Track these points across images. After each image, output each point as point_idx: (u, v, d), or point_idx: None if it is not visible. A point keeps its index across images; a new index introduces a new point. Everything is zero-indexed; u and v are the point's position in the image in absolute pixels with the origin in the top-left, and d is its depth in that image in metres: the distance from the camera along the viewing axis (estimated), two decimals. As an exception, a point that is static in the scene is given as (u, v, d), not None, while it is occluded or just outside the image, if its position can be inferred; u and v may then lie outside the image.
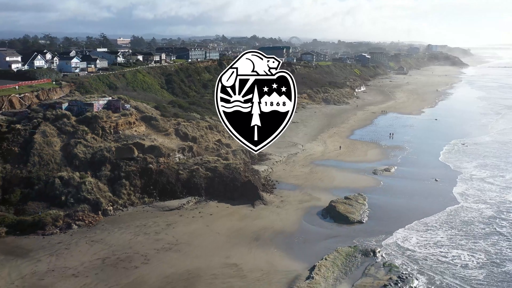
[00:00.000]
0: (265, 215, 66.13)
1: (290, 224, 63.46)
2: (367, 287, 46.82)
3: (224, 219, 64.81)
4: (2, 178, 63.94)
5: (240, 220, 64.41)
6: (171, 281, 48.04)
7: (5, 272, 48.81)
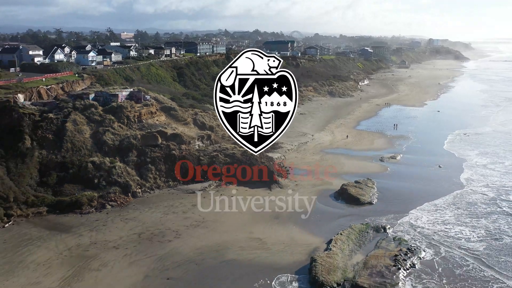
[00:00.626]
0: (283, 196, 71.26)
1: (305, 204, 68.65)
2: (380, 257, 51.97)
3: (245, 200, 69.91)
4: (39, 162, 69.08)
5: (259, 201, 69.51)
6: (203, 252, 53.28)
7: (52, 245, 54.06)
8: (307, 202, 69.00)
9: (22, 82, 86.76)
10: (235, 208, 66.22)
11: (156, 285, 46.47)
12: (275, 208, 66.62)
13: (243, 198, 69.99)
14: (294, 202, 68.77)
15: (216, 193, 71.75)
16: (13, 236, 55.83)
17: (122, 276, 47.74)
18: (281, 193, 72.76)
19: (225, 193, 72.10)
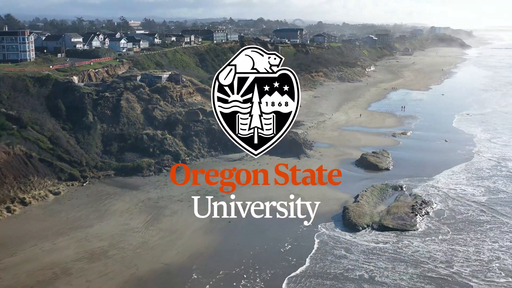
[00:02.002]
0: (310, 164, 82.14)
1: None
2: (400, 207, 63.10)
3: (278, 167, 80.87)
4: (102, 134, 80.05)
5: (291, 167, 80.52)
6: (257, 200, 64.29)
7: (127, 198, 65.24)
8: (332, 168, 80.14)
9: (74, 66, 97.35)
10: (268, 170, 77.13)
11: (220, 227, 57.54)
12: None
13: (278, 162, 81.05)
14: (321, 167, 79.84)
15: (253, 161, 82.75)
16: (93, 192, 67.03)
17: (192, 220, 58.77)
18: (309, 161, 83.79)
19: (261, 161, 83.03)
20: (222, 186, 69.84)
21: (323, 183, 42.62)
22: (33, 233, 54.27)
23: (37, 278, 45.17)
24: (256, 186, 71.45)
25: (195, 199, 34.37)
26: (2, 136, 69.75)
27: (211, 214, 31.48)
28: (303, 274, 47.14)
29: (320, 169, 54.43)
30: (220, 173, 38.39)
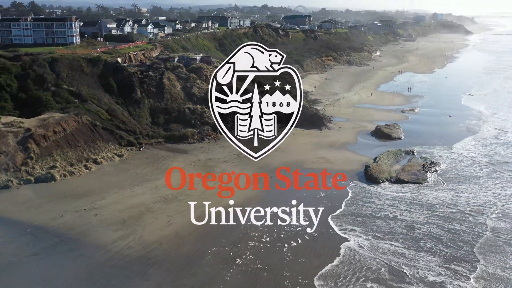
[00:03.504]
0: (331, 135, 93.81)
1: (350, 139, 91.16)
2: (412, 166, 74.64)
3: (304, 137, 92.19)
4: (149, 108, 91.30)
5: (315, 137, 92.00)
6: (288, 163, 75.44)
7: (180, 160, 76.72)
8: (351, 138, 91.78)
9: (116, 49, 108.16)
10: (299, 141, 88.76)
11: (261, 181, 68.86)
12: (328, 141, 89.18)
13: (302, 136, 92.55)
14: (342, 138, 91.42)
15: (279, 133, 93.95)
16: (150, 155, 78.54)
17: (240, 176, 70.37)
18: (330, 132, 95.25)
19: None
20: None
21: (327, 187, 51.33)
22: (112, 184, 65.87)
23: (128, 214, 56.81)
24: (287, 151, 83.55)
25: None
26: (70, 108, 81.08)
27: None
28: (342, 213, 58.44)
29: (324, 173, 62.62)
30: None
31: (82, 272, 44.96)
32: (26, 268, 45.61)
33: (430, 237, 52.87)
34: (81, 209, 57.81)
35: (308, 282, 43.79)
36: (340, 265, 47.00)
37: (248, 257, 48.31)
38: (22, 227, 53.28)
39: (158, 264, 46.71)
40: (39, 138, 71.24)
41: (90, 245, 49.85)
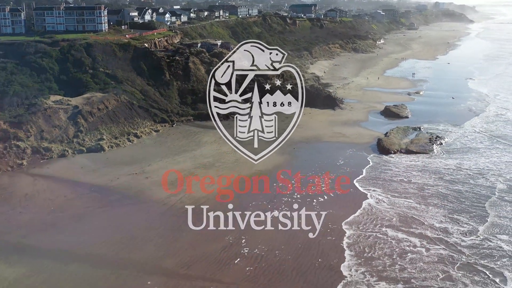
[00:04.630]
0: (345, 114, 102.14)
1: (362, 118, 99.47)
2: (420, 139, 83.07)
3: (319, 116, 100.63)
4: (178, 89, 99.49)
5: (329, 116, 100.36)
6: (307, 138, 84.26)
7: (210, 135, 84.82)
8: (362, 116, 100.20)
9: (142, 36, 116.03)
10: (315, 119, 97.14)
11: (289, 150, 77.25)
12: (342, 119, 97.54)
13: (317, 115, 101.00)
14: (354, 116, 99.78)
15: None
16: (182, 131, 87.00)
17: (266, 147, 78.71)
18: (343, 112, 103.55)
19: (304, 112, 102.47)
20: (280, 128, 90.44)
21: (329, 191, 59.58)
22: (154, 154, 74.40)
23: (171, 178, 65.28)
24: (304, 127, 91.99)
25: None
26: (108, 88, 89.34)
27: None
28: (364, 178, 66.70)
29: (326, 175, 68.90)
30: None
31: (145, 221, 53.60)
32: (98, 216, 54.32)
33: (437, 196, 61.43)
34: (132, 173, 66.41)
35: (337, 227, 52.41)
36: (361, 215, 55.59)
37: (283, 208, 56.79)
38: (86, 186, 61.92)
39: (209, 214, 55.27)
40: (86, 114, 79.67)
41: (148, 200, 58.51)
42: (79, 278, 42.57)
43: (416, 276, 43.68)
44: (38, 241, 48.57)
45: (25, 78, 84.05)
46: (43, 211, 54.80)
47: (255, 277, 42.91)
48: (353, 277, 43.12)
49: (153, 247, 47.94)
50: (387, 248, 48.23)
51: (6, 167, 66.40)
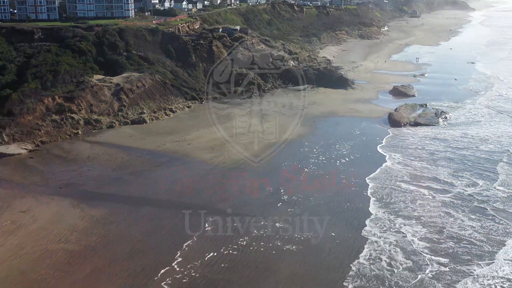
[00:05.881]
0: (356, 93, 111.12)
1: (373, 96, 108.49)
2: (426, 114, 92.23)
3: (333, 94, 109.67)
4: (203, 70, 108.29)
5: (342, 95, 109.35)
6: (324, 113, 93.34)
7: (236, 110, 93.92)
8: (373, 95, 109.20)
9: (166, 21, 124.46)
10: (329, 97, 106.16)
11: (309, 123, 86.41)
12: (354, 97, 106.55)
13: (331, 93, 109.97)
14: (365, 95, 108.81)
15: (313, 91, 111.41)
16: (212, 106, 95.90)
17: (288, 120, 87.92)
18: (355, 91, 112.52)
19: (319, 91, 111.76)
20: (297, 105, 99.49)
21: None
22: (191, 126, 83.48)
23: (213, 144, 74.46)
24: (320, 104, 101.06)
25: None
26: (143, 69, 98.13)
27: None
28: (384, 145, 75.69)
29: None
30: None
31: (195, 176, 62.77)
32: (155, 173, 63.62)
33: (445, 159, 70.55)
34: (176, 140, 75.58)
35: (360, 181, 61.69)
36: (380, 173, 64.72)
37: (312, 168, 66.04)
38: (138, 151, 71.14)
39: (249, 171, 64.61)
40: (128, 91, 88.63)
41: (194, 161, 67.76)
42: (151, 216, 51.91)
43: (424, 215, 53.09)
44: (110, 190, 57.93)
45: (70, 59, 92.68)
46: (107, 169, 64.08)
47: (297, 216, 52.19)
48: (377, 215, 52.52)
49: (207, 195, 57.24)
50: (402, 196, 57.56)
51: (64, 135, 75.57)
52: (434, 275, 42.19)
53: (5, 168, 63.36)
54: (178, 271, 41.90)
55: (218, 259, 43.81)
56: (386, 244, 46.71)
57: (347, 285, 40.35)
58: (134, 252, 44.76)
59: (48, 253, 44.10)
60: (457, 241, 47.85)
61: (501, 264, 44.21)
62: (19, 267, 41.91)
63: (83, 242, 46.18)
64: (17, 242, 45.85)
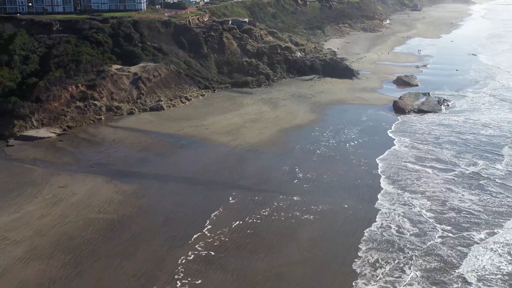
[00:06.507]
0: (361, 83, 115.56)
1: (377, 86, 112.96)
2: (430, 102, 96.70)
3: (339, 84, 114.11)
4: (215, 61, 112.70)
5: (348, 84, 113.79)
6: (331, 101, 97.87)
7: (248, 98, 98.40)
8: (377, 84, 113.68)
9: (177, 14, 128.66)
10: (336, 86, 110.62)
11: (318, 110, 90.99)
12: (360, 86, 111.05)
13: (337, 83, 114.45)
14: (370, 84, 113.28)
15: (320, 81, 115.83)
16: (224, 95, 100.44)
17: (298, 108, 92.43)
18: (360, 81, 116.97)
19: (325, 81, 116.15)
20: (306, 94, 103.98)
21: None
22: (206, 112, 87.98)
23: (229, 128, 79.03)
24: (327, 92, 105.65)
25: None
26: (158, 59, 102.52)
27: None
28: (395, 130, 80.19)
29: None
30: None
31: (216, 157, 67.36)
32: (177, 154, 68.26)
33: (449, 142, 75.03)
34: (193, 125, 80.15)
35: (369, 161, 66.31)
36: (388, 155, 69.27)
37: (324, 150, 70.65)
38: (159, 135, 75.75)
39: (265, 153, 69.22)
40: (145, 80, 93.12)
41: (213, 144, 72.33)
42: (179, 191, 56.56)
43: (428, 190, 57.83)
44: (138, 169, 62.55)
45: (89, 50, 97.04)
46: (133, 150, 68.73)
47: (312, 191, 56.85)
48: (387, 190, 57.26)
49: (228, 173, 61.87)
50: (408, 174, 62.21)
51: (89, 120, 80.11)
52: (440, 240, 46.90)
53: (38, 150, 68.00)
54: (209, 236, 46.60)
55: (244, 227, 48.52)
56: (395, 215, 51.42)
57: (361, 247, 45.05)
58: (167, 221, 49.47)
59: (90, 222, 48.80)
60: (458, 212, 52.60)
61: (499, 231, 48.89)
62: (66, 233, 46.60)
63: (121, 212, 50.88)
64: (60, 212, 50.55)
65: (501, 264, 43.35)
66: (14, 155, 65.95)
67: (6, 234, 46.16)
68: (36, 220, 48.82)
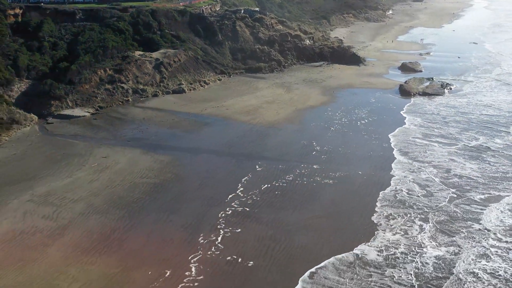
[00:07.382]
0: (368, 69, 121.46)
1: (383, 71, 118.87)
2: (433, 85, 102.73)
3: (347, 70, 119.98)
4: (229, 48, 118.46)
5: (356, 70, 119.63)
6: (340, 85, 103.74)
7: (262, 82, 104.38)
8: (383, 70, 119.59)
9: (192, 3, 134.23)
10: (344, 72, 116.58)
11: (329, 93, 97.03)
12: (367, 72, 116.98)
13: (346, 69, 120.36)
14: (377, 70, 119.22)
15: (329, 67, 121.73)
16: (240, 80, 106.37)
17: (310, 91, 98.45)
18: (367, 67, 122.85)
19: (334, 68, 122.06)
20: (316, 79, 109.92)
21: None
22: (225, 95, 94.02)
23: (247, 109, 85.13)
24: (337, 78, 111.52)
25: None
26: (176, 46, 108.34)
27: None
28: (406, 111, 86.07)
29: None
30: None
31: (238, 133, 73.53)
32: (203, 131, 74.47)
33: (455, 121, 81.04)
34: (215, 106, 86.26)
35: (380, 136, 72.54)
36: (398, 132, 75.42)
37: (337, 127, 76.85)
38: (184, 114, 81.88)
39: (283, 129, 75.40)
40: (166, 65, 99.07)
41: (234, 122, 78.50)
42: (210, 161, 62.86)
43: (434, 160, 64.15)
44: (170, 143, 68.81)
45: (113, 36, 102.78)
46: (162, 128, 74.94)
47: (330, 161, 63.11)
48: (399, 159, 63.63)
49: (252, 147, 68.11)
50: (416, 148, 68.47)
51: (117, 102, 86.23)
52: (445, 199, 53.28)
53: (76, 126, 74.22)
54: (242, 196, 52.94)
55: (272, 189, 54.86)
56: (406, 179, 57.80)
57: (377, 205, 51.41)
58: (203, 184, 55.79)
59: (136, 185, 55.11)
60: (460, 177, 58.97)
61: (495, 193, 55.27)
62: (116, 193, 52.94)
63: (161, 177, 57.18)
64: (108, 177, 56.84)
65: (504, 217, 49.71)
66: (55, 131, 72.23)
67: (64, 194, 52.49)
68: (88, 184, 55.13)
